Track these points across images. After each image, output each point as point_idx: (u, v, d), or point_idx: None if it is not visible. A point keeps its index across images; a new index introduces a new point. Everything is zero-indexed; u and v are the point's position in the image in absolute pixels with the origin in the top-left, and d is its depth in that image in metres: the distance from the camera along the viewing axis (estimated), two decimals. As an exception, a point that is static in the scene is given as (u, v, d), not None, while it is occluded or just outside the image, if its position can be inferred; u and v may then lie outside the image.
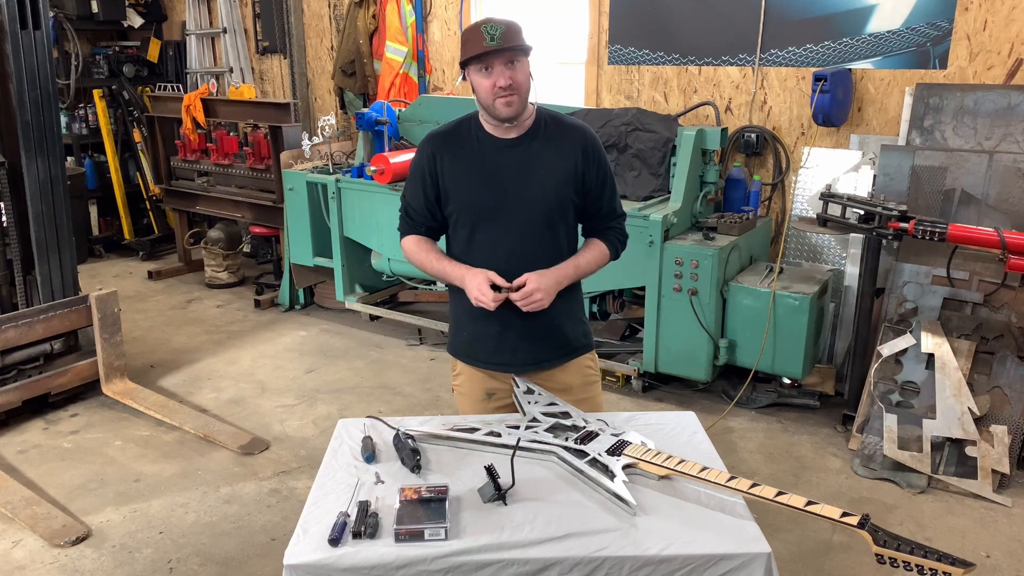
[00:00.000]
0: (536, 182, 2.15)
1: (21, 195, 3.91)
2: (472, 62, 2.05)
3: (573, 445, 1.91)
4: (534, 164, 2.15)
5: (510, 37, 2.01)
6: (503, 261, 2.14)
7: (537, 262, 2.15)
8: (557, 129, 2.19)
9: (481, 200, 2.16)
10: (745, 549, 1.60)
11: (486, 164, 2.16)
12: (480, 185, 2.16)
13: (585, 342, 2.33)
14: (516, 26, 2.05)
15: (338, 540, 1.61)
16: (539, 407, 2.10)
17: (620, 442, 1.91)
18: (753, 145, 4.39)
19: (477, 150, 2.17)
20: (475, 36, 2.02)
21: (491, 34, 2.00)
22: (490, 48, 2.00)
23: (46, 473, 3.48)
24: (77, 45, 6.38)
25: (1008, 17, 3.69)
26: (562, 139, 2.18)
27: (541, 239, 2.18)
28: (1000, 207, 3.55)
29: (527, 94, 2.10)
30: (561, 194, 2.17)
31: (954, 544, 2.91)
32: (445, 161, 2.17)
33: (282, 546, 1.72)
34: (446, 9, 5.45)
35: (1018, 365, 3.39)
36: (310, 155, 5.12)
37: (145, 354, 4.77)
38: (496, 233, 2.16)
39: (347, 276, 5.03)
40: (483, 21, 2.04)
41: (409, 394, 4.24)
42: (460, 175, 2.17)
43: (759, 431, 3.81)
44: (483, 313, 2.13)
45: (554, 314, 2.19)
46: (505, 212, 2.15)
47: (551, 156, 2.16)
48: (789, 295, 3.75)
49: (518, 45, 2.02)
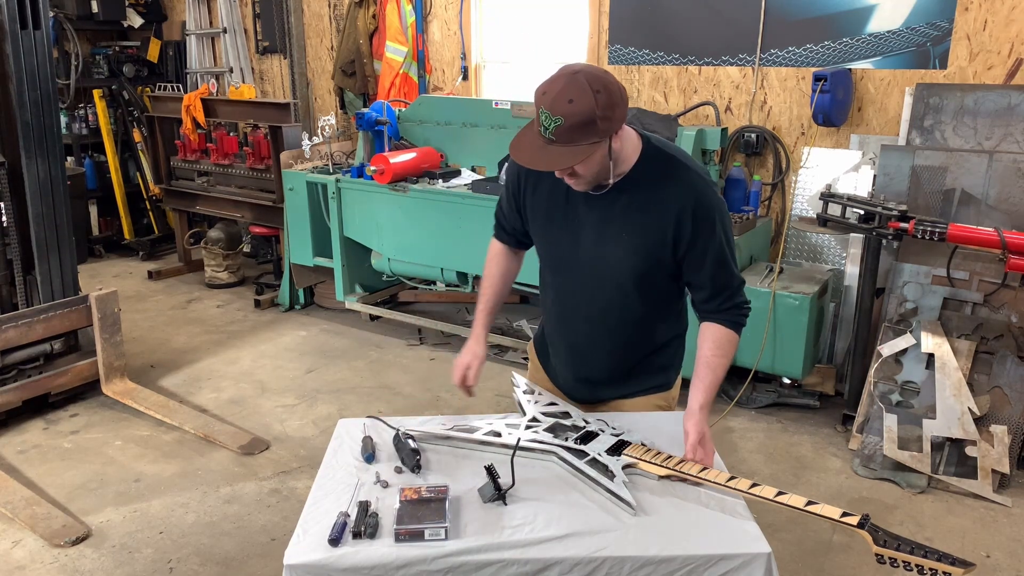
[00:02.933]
0: (615, 242, 1.85)
1: (21, 195, 3.91)
2: None
3: (573, 445, 1.91)
4: (617, 221, 1.84)
5: (567, 136, 1.65)
6: (571, 315, 2.02)
7: (610, 327, 1.98)
8: (660, 178, 1.83)
9: (554, 246, 1.95)
10: (745, 549, 1.60)
11: (566, 207, 1.88)
12: (556, 229, 1.92)
13: (661, 381, 2.11)
14: (584, 116, 1.63)
15: (338, 540, 1.61)
16: (539, 407, 2.10)
17: (620, 442, 1.91)
18: (753, 145, 4.39)
19: (560, 185, 1.85)
20: (536, 111, 1.69)
21: (545, 126, 1.66)
22: (540, 137, 1.69)
23: (46, 473, 3.48)
24: (77, 45, 6.38)
25: (1008, 17, 3.69)
26: (660, 193, 1.82)
27: (617, 303, 1.95)
28: (1000, 207, 3.55)
29: (600, 175, 1.78)
30: (648, 259, 1.86)
31: (954, 544, 2.91)
32: (528, 186, 1.95)
33: (282, 546, 1.72)
34: (446, 9, 5.45)
35: (1018, 365, 3.39)
36: (310, 155, 5.12)
37: (145, 354, 4.77)
38: (568, 286, 1.97)
39: (347, 276, 5.03)
40: (545, 100, 1.66)
41: (409, 394, 4.24)
42: (539, 209, 1.94)
43: (759, 431, 3.81)
44: (564, 334, 2.08)
45: (615, 363, 2.06)
46: (578, 266, 1.92)
47: (640, 214, 1.83)
48: (789, 295, 3.75)
49: (569, 146, 1.66)
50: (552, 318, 2.13)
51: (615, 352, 2.05)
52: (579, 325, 2.03)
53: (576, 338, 2.06)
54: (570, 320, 2.05)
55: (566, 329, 2.09)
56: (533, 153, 1.71)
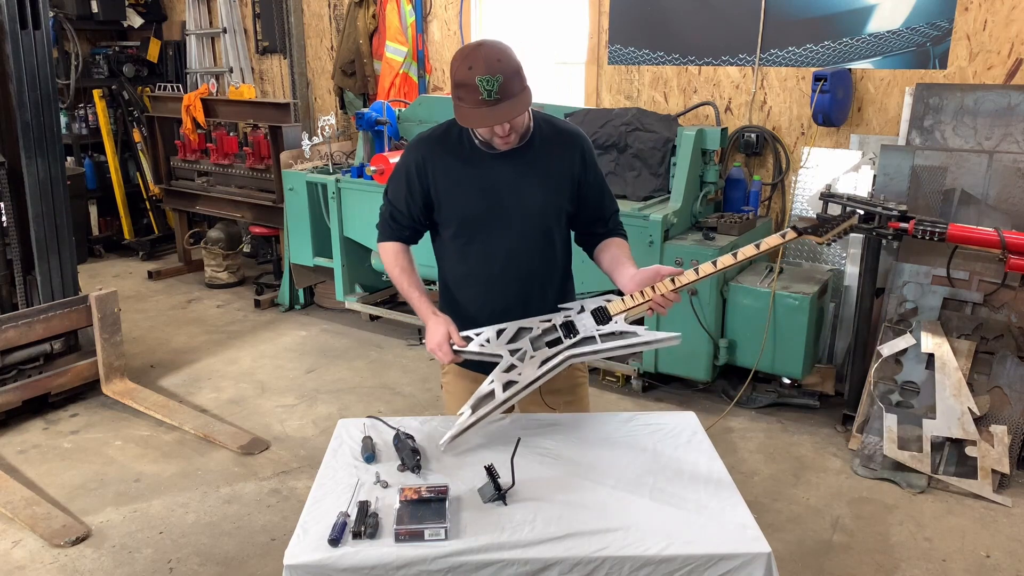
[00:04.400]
0: (531, 191, 2.10)
1: (21, 195, 3.91)
2: None
3: (574, 340, 1.96)
4: (529, 173, 2.09)
5: (509, 89, 1.87)
6: (498, 270, 2.14)
7: (532, 271, 2.15)
8: (553, 135, 2.13)
9: (475, 210, 2.11)
10: (745, 549, 1.60)
11: (480, 174, 2.09)
12: (474, 196, 2.10)
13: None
14: (513, 68, 1.88)
15: (338, 540, 1.61)
16: (499, 342, 2.05)
17: (597, 310, 2.00)
18: (753, 145, 4.38)
19: (469, 159, 2.09)
20: (470, 88, 1.86)
21: (488, 89, 1.85)
22: (489, 105, 1.87)
23: (46, 473, 3.48)
24: (77, 45, 6.38)
25: (1008, 17, 3.69)
26: (558, 146, 2.13)
27: (537, 248, 2.15)
28: (1000, 207, 3.55)
29: (525, 125, 2.04)
30: (557, 203, 2.14)
31: (954, 544, 2.91)
32: (436, 168, 2.10)
33: (282, 546, 1.72)
34: (446, 9, 5.45)
35: (1018, 365, 3.39)
36: (310, 155, 5.12)
37: (145, 354, 4.77)
38: (491, 243, 2.12)
39: (347, 276, 5.03)
40: (476, 67, 1.85)
41: (409, 394, 4.24)
42: (452, 184, 2.10)
43: (759, 431, 3.81)
44: (471, 315, 2.15)
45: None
46: (500, 222, 2.11)
47: (547, 164, 2.11)
48: (789, 295, 3.75)
49: (517, 95, 1.89)
50: (471, 284, 2.20)
51: (538, 299, 2.20)
52: (508, 282, 2.14)
53: (504, 294, 2.14)
54: (496, 279, 2.15)
55: (491, 289, 2.17)
56: (488, 115, 1.89)
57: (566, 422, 2.13)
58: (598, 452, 1.98)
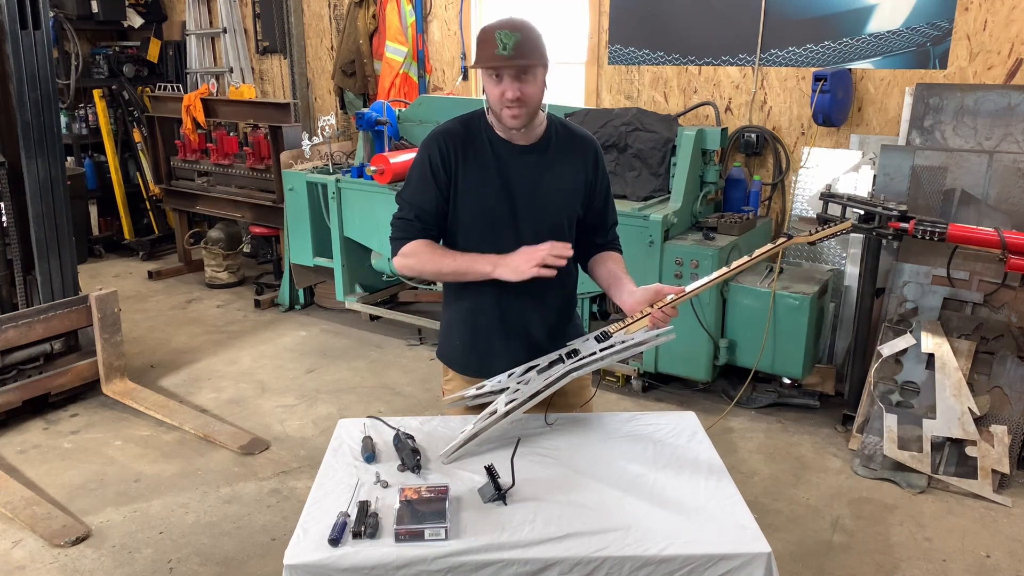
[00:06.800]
0: (547, 193, 2.09)
1: (21, 195, 3.91)
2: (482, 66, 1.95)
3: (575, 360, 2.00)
4: (545, 174, 2.09)
5: (524, 50, 1.89)
6: None
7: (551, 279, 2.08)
8: (568, 139, 2.13)
9: (494, 208, 2.08)
10: (745, 549, 1.60)
11: (500, 170, 2.07)
12: (494, 192, 2.07)
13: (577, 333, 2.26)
14: (534, 35, 1.93)
15: (338, 540, 1.61)
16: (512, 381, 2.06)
17: (601, 333, 2.02)
18: (753, 145, 4.39)
19: (491, 153, 2.07)
20: (489, 41, 1.90)
21: (504, 43, 1.88)
22: (501, 58, 1.89)
23: (46, 473, 3.48)
24: (77, 45, 6.38)
25: (1008, 17, 3.69)
26: (572, 150, 2.13)
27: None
28: (1000, 207, 3.55)
29: (537, 106, 2.02)
30: (570, 205, 2.14)
31: (954, 544, 2.91)
32: (458, 160, 2.06)
33: (282, 546, 1.72)
34: (446, 9, 5.45)
35: (1018, 365, 3.39)
36: (310, 155, 5.12)
37: (145, 354, 4.77)
38: (505, 244, 2.05)
39: (347, 276, 5.03)
40: (500, 24, 1.91)
41: (409, 394, 4.24)
42: (473, 179, 2.07)
43: (759, 431, 3.81)
44: (477, 321, 2.14)
45: (551, 323, 2.18)
46: (516, 222, 2.09)
47: (561, 167, 2.11)
48: (789, 295, 3.75)
49: (532, 60, 1.91)
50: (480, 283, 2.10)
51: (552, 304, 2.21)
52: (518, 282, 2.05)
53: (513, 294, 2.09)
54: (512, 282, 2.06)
55: (499, 289, 2.09)
56: (500, 63, 1.90)
57: (566, 422, 2.13)
58: (598, 452, 1.98)
